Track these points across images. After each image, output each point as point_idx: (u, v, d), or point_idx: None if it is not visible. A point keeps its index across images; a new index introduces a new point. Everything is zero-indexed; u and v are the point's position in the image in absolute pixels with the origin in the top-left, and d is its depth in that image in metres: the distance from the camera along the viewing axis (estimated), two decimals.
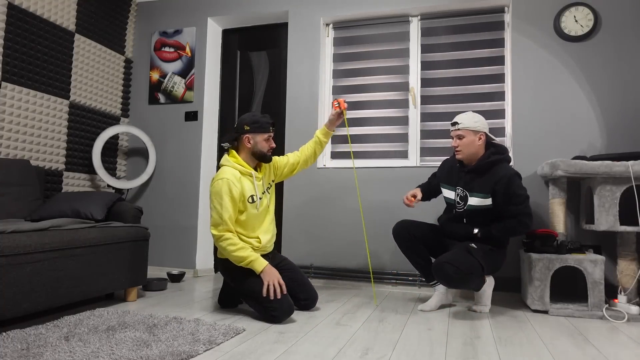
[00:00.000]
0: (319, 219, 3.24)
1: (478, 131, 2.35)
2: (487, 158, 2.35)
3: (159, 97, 3.70)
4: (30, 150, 2.94)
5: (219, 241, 2.20)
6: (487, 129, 2.38)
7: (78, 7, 3.27)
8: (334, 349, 1.75)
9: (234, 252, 2.17)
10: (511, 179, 2.28)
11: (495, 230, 2.32)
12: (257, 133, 2.28)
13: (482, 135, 2.36)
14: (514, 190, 2.28)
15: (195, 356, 1.63)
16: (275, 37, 3.66)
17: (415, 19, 3.28)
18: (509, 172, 2.30)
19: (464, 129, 2.34)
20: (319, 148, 2.57)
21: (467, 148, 2.36)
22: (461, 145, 2.36)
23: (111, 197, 2.65)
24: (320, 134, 2.55)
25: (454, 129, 2.39)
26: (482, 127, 2.35)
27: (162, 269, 3.55)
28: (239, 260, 2.18)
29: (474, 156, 2.39)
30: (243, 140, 2.30)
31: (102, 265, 2.29)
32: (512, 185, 2.28)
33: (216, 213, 2.20)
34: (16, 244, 1.86)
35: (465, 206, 2.39)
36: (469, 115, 2.37)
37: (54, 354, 1.59)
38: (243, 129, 2.28)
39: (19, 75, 2.84)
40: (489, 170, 2.34)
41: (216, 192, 2.21)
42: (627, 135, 2.76)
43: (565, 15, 2.87)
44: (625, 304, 2.37)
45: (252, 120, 2.29)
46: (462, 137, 2.36)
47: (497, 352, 1.74)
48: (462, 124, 2.34)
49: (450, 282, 2.21)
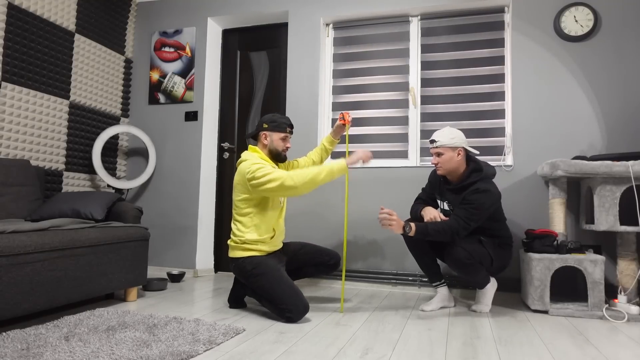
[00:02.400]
0: (319, 219, 3.24)
1: (456, 147, 2.34)
2: (467, 178, 2.34)
3: (159, 97, 3.70)
4: (30, 150, 2.94)
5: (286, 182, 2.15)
6: (465, 144, 2.36)
7: (78, 7, 3.27)
8: (334, 349, 1.75)
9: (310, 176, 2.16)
10: (478, 190, 2.25)
11: (431, 225, 2.24)
12: (274, 131, 2.40)
13: (460, 150, 2.35)
14: (473, 198, 2.25)
15: (195, 356, 1.63)
16: (275, 37, 3.66)
17: (415, 19, 3.28)
18: (481, 186, 2.27)
19: (442, 146, 2.34)
20: (325, 155, 2.71)
21: (447, 164, 2.36)
22: (441, 162, 2.37)
23: (111, 197, 2.65)
24: (326, 142, 2.68)
25: (432, 147, 2.38)
26: (459, 142, 2.34)
27: (162, 269, 3.55)
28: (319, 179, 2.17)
29: (456, 171, 2.39)
30: (261, 137, 2.43)
31: (102, 265, 2.29)
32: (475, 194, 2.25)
33: (265, 173, 2.16)
34: (16, 244, 1.86)
35: None
36: (445, 132, 2.36)
37: (54, 354, 1.59)
38: (262, 126, 2.42)
39: (19, 75, 2.84)
40: (464, 190, 2.34)
41: (256, 168, 2.19)
42: (627, 135, 2.76)
43: (565, 15, 2.87)
44: (625, 304, 2.37)
45: (271, 119, 2.42)
46: (440, 154, 2.36)
47: (497, 352, 1.74)
48: (439, 142, 2.34)
49: (461, 267, 2.25)
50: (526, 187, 2.88)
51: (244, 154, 2.41)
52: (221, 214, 3.66)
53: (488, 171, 2.37)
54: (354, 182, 3.18)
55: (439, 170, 2.41)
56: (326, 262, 2.50)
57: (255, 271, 2.23)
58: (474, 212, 2.23)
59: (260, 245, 2.31)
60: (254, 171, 2.20)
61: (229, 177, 3.67)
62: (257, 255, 2.29)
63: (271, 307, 2.21)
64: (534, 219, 2.84)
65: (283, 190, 2.17)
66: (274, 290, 2.16)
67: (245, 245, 2.29)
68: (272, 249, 2.38)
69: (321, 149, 2.68)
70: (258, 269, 2.23)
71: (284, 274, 2.24)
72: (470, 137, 3.08)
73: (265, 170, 2.18)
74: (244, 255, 2.29)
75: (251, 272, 2.24)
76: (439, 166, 2.39)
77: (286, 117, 2.44)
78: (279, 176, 2.16)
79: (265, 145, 2.41)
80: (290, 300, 2.13)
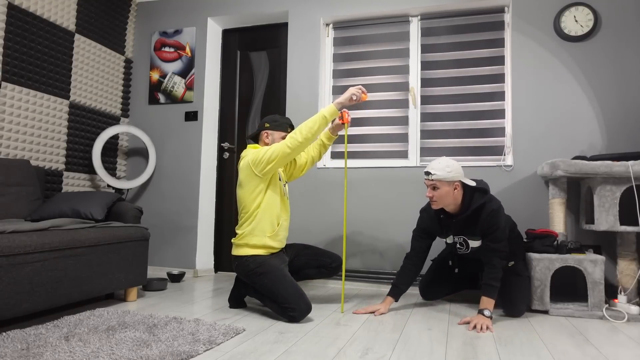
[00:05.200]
0: (319, 219, 3.24)
1: (453, 181, 2.19)
2: (471, 201, 2.23)
3: (159, 97, 3.70)
4: (30, 150, 2.94)
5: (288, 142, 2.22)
6: (462, 176, 2.21)
7: (78, 7, 3.27)
8: (334, 349, 1.75)
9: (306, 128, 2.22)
10: (493, 215, 2.20)
11: (494, 282, 2.19)
12: (275, 130, 2.46)
13: (457, 184, 2.21)
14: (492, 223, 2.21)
15: (195, 356, 1.63)
16: (275, 37, 3.66)
17: (415, 19, 3.28)
18: (490, 207, 2.20)
19: (438, 180, 2.18)
20: (323, 149, 2.66)
21: (443, 199, 2.21)
22: (436, 196, 2.21)
23: (111, 197, 2.65)
24: (324, 137, 2.63)
25: (427, 179, 2.23)
26: (456, 175, 2.18)
27: (162, 269, 3.55)
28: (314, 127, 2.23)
29: (453, 204, 2.25)
30: (262, 136, 2.48)
31: (102, 265, 2.29)
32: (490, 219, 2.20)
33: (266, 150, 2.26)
34: (16, 244, 1.86)
35: (469, 249, 2.33)
36: (441, 163, 2.19)
37: (54, 354, 1.59)
38: (264, 126, 2.47)
39: (19, 75, 2.84)
40: (476, 216, 2.24)
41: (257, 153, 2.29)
42: (627, 135, 2.76)
43: (565, 15, 2.87)
44: (625, 304, 2.37)
45: (273, 119, 2.48)
46: (436, 187, 2.19)
47: (497, 352, 1.74)
48: (435, 175, 2.17)
49: (521, 315, 2.34)
50: (526, 187, 2.88)
51: (246, 151, 2.43)
52: (221, 214, 3.66)
53: (486, 187, 2.27)
54: (354, 182, 3.18)
55: (434, 205, 2.25)
56: (328, 264, 2.50)
57: (259, 270, 2.23)
58: (502, 237, 2.21)
59: (265, 240, 2.30)
60: (256, 154, 2.29)
61: (229, 177, 3.67)
62: (261, 255, 2.29)
63: (274, 306, 2.21)
64: (534, 219, 2.84)
65: (286, 153, 2.22)
66: (277, 289, 2.17)
67: (250, 242, 2.30)
68: (276, 244, 2.37)
69: (319, 144, 2.64)
70: (261, 267, 2.23)
71: (287, 274, 2.24)
72: (470, 137, 3.08)
73: (265, 149, 2.28)
74: (248, 253, 2.30)
75: (254, 271, 2.24)
76: (433, 200, 2.23)
77: (287, 117, 2.48)
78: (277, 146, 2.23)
79: (267, 144, 2.45)
80: (294, 299, 2.14)
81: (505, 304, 2.33)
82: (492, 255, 2.21)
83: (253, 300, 2.62)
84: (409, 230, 3.03)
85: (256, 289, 2.30)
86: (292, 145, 2.21)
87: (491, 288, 2.18)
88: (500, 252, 2.21)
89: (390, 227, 3.08)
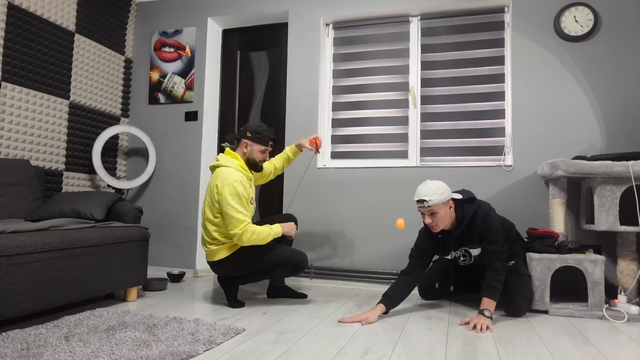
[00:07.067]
0: (319, 219, 3.24)
1: (447, 201, 2.22)
2: (464, 218, 2.26)
3: (159, 97, 3.70)
4: (30, 150, 2.94)
5: (244, 235, 2.27)
6: (450, 192, 2.24)
7: (78, 7, 3.27)
8: (334, 349, 1.75)
9: (260, 236, 2.31)
10: (485, 219, 2.24)
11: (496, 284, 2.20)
12: (255, 142, 2.45)
13: (450, 202, 2.25)
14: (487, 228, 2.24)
15: (195, 356, 1.63)
16: (275, 37, 3.66)
17: (415, 19, 3.28)
18: (482, 212, 2.25)
19: (435, 205, 2.18)
20: (286, 164, 2.77)
21: (443, 221, 2.23)
22: (436, 221, 2.21)
23: (111, 197, 2.65)
24: (290, 152, 2.74)
25: (422, 207, 2.21)
26: (447, 194, 2.21)
27: (162, 269, 3.55)
28: (265, 239, 2.33)
29: (450, 222, 2.29)
30: (242, 144, 2.48)
31: (102, 265, 2.29)
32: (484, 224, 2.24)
33: (236, 212, 2.28)
34: (16, 244, 1.86)
35: (472, 259, 2.37)
36: (431, 188, 2.18)
37: (54, 354, 1.59)
38: (245, 134, 2.45)
39: (19, 75, 2.84)
40: (472, 225, 2.28)
41: (235, 193, 2.29)
42: (627, 135, 2.76)
43: (565, 15, 2.87)
44: (625, 304, 2.37)
45: (255, 129, 2.45)
46: (434, 213, 2.20)
47: (497, 352, 1.74)
48: (431, 201, 2.16)
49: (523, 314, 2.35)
50: (526, 187, 2.88)
51: (222, 157, 2.44)
52: None
53: (472, 194, 2.33)
54: (354, 182, 3.18)
55: (435, 229, 2.25)
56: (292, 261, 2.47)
57: (252, 253, 2.35)
58: (498, 238, 2.24)
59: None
60: (230, 202, 2.27)
61: None
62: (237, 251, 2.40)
63: (283, 270, 2.38)
64: (534, 219, 2.84)
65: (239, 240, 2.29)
66: (279, 254, 2.36)
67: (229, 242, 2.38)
68: None
69: (284, 157, 2.73)
70: (253, 250, 2.35)
71: (270, 244, 2.39)
72: (470, 137, 3.09)
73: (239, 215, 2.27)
74: (231, 252, 2.38)
75: (250, 257, 2.35)
76: (433, 225, 2.23)
77: (271, 129, 2.49)
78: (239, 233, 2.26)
79: (245, 154, 2.47)
80: (295, 253, 2.37)
81: (506, 303, 2.33)
82: (493, 257, 2.24)
83: (253, 300, 2.62)
84: (409, 230, 3.03)
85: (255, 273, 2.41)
86: (244, 242, 2.29)
87: (492, 289, 2.19)
88: (499, 254, 2.23)
89: (391, 227, 3.08)
